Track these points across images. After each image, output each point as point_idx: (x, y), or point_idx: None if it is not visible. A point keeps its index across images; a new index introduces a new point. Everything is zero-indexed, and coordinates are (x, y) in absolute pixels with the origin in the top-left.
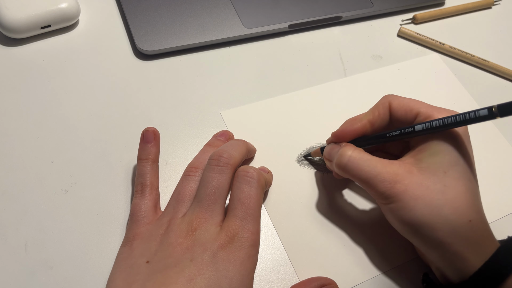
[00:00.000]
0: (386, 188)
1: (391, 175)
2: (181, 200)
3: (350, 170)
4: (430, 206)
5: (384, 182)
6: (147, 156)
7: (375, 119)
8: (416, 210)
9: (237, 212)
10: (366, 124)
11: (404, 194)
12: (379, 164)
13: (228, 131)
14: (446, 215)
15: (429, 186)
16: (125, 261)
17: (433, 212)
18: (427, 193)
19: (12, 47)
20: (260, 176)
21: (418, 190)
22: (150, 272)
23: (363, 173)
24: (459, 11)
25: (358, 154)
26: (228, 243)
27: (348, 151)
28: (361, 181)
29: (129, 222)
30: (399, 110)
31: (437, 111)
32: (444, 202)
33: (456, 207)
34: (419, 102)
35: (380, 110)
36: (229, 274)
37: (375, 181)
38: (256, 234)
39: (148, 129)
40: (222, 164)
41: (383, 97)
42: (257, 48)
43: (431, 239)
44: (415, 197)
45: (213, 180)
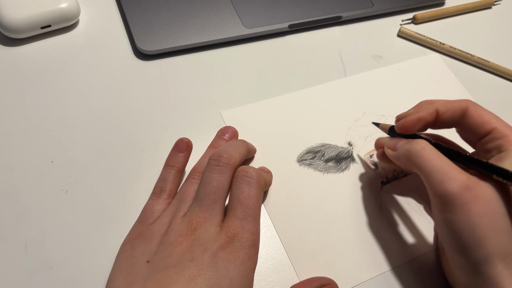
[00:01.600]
0: (455, 190)
1: (464, 178)
2: (183, 200)
3: (419, 159)
4: (493, 228)
5: (456, 181)
6: (175, 164)
7: (444, 111)
8: (479, 229)
9: (236, 212)
10: (433, 112)
11: (471, 206)
12: (452, 164)
13: (231, 127)
14: (504, 241)
15: (496, 207)
16: (126, 260)
17: (494, 236)
18: (493, 213)
19: (12, 47)
20: (259, 176)
21: (486, 207)
22: (150, 272)
23: (434, 165)
24: (459, 11)
25: (432, 148)
26: (228, 243)
27: (423, 142)
28: (429, 173)
29: (136, 221)
30: (475, 118)
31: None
32: (505, 227)
33: (511, 235)
34: (496, 117)
35: (454, 108)
36: (229, 275)
37: (445, 177)
38: (256, 234)
39: (183, 139)
40: (222, 164)
41: (463, 100)
42: (257, 48)
43: (481, 262)
44: (481, 214)
45: (213, 180)
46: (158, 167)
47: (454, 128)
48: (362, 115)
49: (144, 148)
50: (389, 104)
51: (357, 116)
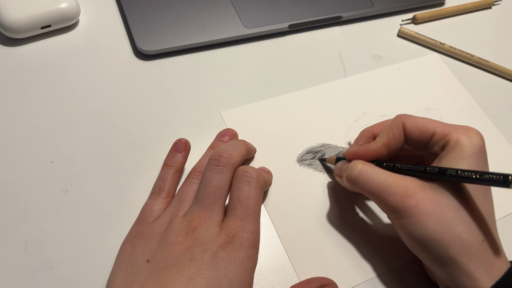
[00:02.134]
0: (397, 202)
1: (401, 189)
2: (183, 199)
3: (360, 183)
4: (442, 223)
5: (395, 195)
6: (173, 164)
7: (390, 142)
8: (427, 226)
9: (236, 212)
10: (381, 148)
11: (415, 209)
12: (390, 178)
13: (231, 129)
14: (459, 233)
15: (443, 203)
16: (126, 259)
17: (445, 229)
18: (440, 209)
19: (12, 47)
20: (259, 176)
21: (430, 206)
22: (150, 272)
23: (373, 185)
24: (459, 11)
25: (368, 167)
26: (228, 243)
27: (358, 164)
28: (371, 194)
29: (135, 220)
30: (413, 131)
31: (454, 130)
32: (457, 219)
33: (469, 226)
34: (433, 121)
35: (394, 132)
36: (229, 274)
37: (385, 194)
38: (256, 234)
39: (181, 139)
40: (222, 164)
41: (396, 118)
42: (257, 48)
43: (442, 256)
44: (427, 213)
45: (213, 180)
46: (158, 167)
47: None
48: (362, 115)
49: (144, 148)
50: (389, 104)
51: (357, 116)
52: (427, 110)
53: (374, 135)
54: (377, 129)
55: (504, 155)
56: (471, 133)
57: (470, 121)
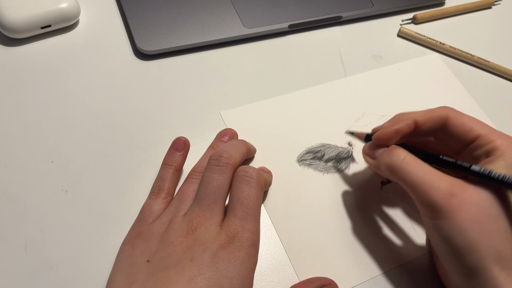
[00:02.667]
0: (440, 198)
1: (447, 185)
2: (183, 199)
3: (402, 171)
4: (484, 231)
5: (439, 190)
6: (172, 163)
7: (423, 122)
8: (469, 233)
9: (237, 212)
10: (411, 123)
11: (458, 211)
12: (434, 172)
13: (230, 129)
14: (497, 244)
15: (486, 209)
16: (126, 259)
17: (486, 239)
18: (483, 216)
19: (12, 47)
20: (259, 176)
21: (474, 211)
22: (150, 272)
23: (416, 177)
24: (459, 11)
25: (412, 158)
26: (228, 243)
27: (402, 153)
28: (412, 186)
29: (135, 220)
30: (457, 127)
31: (500, 137)
32: (497, 229)
33: (506, 237)
34: (479, 123)
35: (433, 118)
36: (229, 274)
37: (428, 188)
38: (256, 234)
39: (180, 138)
40: (222, 164)
41: (442, 108)
42: (257, 48)
43: (476, 266)
44: (470, 218)
45: (213, 180)
46: (158, 167)
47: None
48: (362, 115)
49: (144, 148)
50: (389, 104)
51: (357, 116)
52: None
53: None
54: (417, 115)
55: None
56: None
57: None
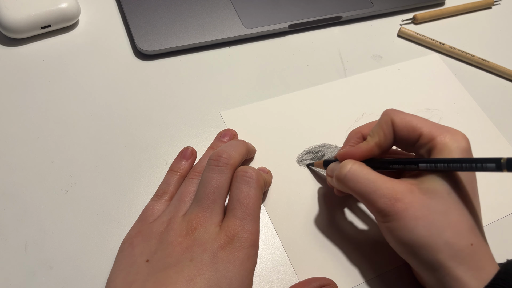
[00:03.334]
0: (386, 205)
1: (391, 192)
2: (182, 199)
3: (348, 183)
4: (431, 228)
5: (384, 198)
6: (178, 169)
7: (381, 141)
8: (416, 231)
9: (236, 212)
10: (373, 147)
11: (404, 213)
12: (379, 180)
13: (231, 130)
14: (448, 238)
15: (431, 207)
16: (125, 259)
17: (434, 234)
18: (429, 213)
19: (12, 47)
20: (259, 176)
21: (419, 211)
22: (149, 272)
23: (362, 186)
24: (459, 11)
25: (358, 167)
26: (228, 243)
27: (348, 163)
28: (360, 195)
29: (136, 220)
30: (402, 129)
31: (440, 133)
32: (446, 224)
33: (458, 230)
34: (421, 120)
35: (385, 130)
36: (229, 275)
37: (374, 196)
38: (255, 234)
39: (188, 147)
40: (222, 164)
41: (385, 114)
42: (257, 48)
43: (431, 261)
44: (416, 217)
45: (213, 180)
46: (158, 167)
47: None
48: (362, 115)
49: (144, 148)
50: (389, 104)
51: (357, 116)
52: (427, 110)
53: (364, 135)
54: (365, 130)
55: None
56: (459, 137)
57: (470, 121)
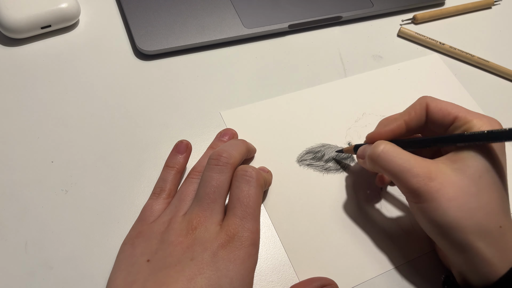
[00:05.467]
0: (420, 184)
1: (425, 171)
2: (182, 199)
3: (382, 162)
4: (464, 209)
5: (418, 177)
6: (174, 165)
7: (411, 119)
8: (449, 212)
9: (236, 211)
10: (401, 124)
11: (438, 194)
12: (412, 159)
13: (230, 129)
14: (479, 219)
15: (464, 188)
16: (126, 259)
17: (466, 216)
18: (461, 195)
19: (12, 47)
20: (259, 175)
21: (453, 191)
22: (150, 271)
23: (396, 165)
24: (459, 11)
25: (391, 147)
26: (228, 242)
27: (381, 143)
28: (393, 175)
29: (136, 220)
30: (436, 112)
31: (476, 117)
32: (478, 205)
33: (488, 212)
34: (457, 106)
35: (416, 111)
36: (230, 274)
37: (408, 176)
38: (256, 233)
39: (182, 141)
40: (222, 164)
41: (421, 98)
42: (257, 48)
43: (461, 242)
44: (449, 198)
45: (213, 179)
46: (159, 167)
47: (420, 134)
48: (362, 115)
49: (144, 148)
50: (389, 104)
51: (357, 116)
52: None
53: (393, 120)
54: (396, 116)
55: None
56: (494, 123)
57: None
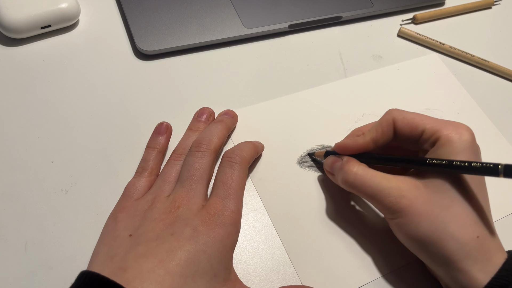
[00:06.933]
0: (392, 203)
1: (396, 190)
2: (166, 180)
3: (356, 187)
4: (435, 222)
5: (390, 197)
6: (155, 145)
7: (378, 137)
8: (421, 226)
9: (219, 192)
10: (369, 142)
11: (409, 209)
12: (384, 180)
13: (207, 108)
14: (453, 232)
15: (435, 202)
16: (109, 234)
17: (439, 228)
18: (432, 208)
19: (12, 47)
20: (242, 160)
21: (424, 206)
22: (131, 245)
23: (369, 189)
24: (459, 11)
25: (363, 171)
26: (209, 220)
27: (353, 168)
28: (368, 196)
29: (120, 198)
30: (404, 127)
31: (444, 127)
32: (450, 218)
33: (463, 223)
34: (424, 117)
35: (384, 128)
36: (208, 250)
37: (380, 196)
38: (236, 213)
39: (162, 123)
40: (202, 150)
41: (387, 113)
42: (257, 48)
43: (437, 255)
44: (420, 213)
45: (195, 163)
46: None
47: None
48: (362, 116)
49: (144, 148)
50: (389, 104)
51: (357, 117)
52: (427, 110)
53: (364, 133)
54: (367, 128)
55: (504, 155)
56: (461, 129)
57: (470, 121)
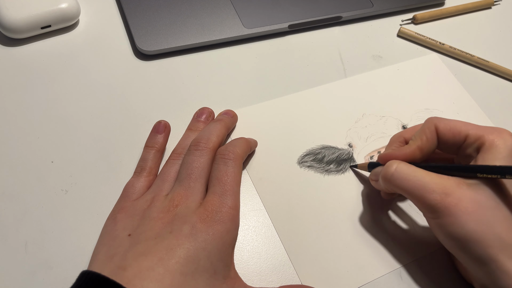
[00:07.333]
0: (436, 201)
1: (441, 187)
2: (165, 179)
3: (396, 181)
4: (482, 222)
5: (434, 193)
6: (154, 144)
7: (423, 145)
8: (467, 226)
9: (215, 189)
10: (415, 150)
11: (455, 208)
12: (427, 176)
13: (207, 108)
14: (499, 232)
15: (481, 202)
16: (108, 234)
17: (485, 229)
18: (479, 208)
19: (12, 47)
20: (236, 156)
21: (470, 205)
22: (131, 244)
23: (410, 183)
24: (459, 11)
25: (404, 166)
26: (207, 217)
27: (394, 163)
28: (408, 193)
29: (119, 198)
30: (446, 133)
31: (487, 132)
32: (496, 219)
33: (508, 224)
34: (466, 124)
35: (427, 135)
36: (208, 247)
37: (423, 192)
38: (234, 209)
39: (160, 121)
40: (201, 148)
41: (428, 121)
42: (257, 48)
43: (481, 256)
44: (467, 212)
45: (194, 161)
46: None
47: None
48: (362, 116)
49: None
50: (389, 104)
51: (357, 117)
52: (427, 110)
53: (406, 140)
54: (408, 134)
55: None
56: (505, 134)
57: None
